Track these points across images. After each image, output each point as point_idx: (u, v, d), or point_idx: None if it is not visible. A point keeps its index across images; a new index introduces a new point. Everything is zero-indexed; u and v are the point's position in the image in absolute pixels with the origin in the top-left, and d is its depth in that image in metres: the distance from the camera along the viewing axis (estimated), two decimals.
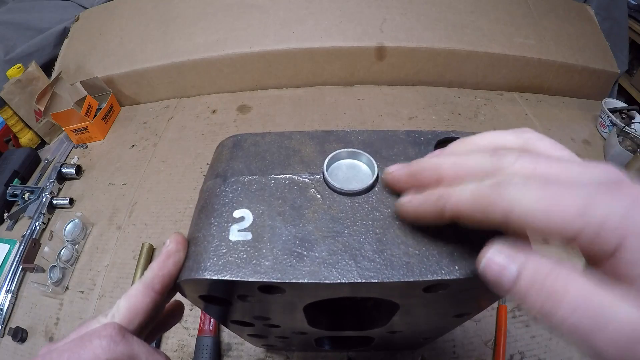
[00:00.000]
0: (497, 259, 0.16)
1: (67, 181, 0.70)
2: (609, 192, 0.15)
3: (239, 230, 0.21)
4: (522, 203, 0.15)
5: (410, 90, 0.82)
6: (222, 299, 0.23)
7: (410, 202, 0.20)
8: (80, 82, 0.75)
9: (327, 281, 0.19)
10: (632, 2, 1.26)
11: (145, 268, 0.55)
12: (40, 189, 0.66)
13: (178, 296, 0.23)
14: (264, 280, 0.19)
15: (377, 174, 0.23)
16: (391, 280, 0.19)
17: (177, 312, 0.27)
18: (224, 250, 0.20)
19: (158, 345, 0.48)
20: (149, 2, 0.88)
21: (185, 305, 0.28)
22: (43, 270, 0.56)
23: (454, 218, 0.18)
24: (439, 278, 0.19)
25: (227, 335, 0.49)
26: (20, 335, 0.51)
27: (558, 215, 0.15)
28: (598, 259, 0.15)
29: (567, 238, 0.15)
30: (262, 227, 0.21)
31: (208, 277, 0.19)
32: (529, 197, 0.15)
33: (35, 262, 0.56)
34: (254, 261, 0.20)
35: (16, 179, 0.69)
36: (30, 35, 0.88)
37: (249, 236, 0.21)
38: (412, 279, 0.19)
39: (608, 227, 0.14)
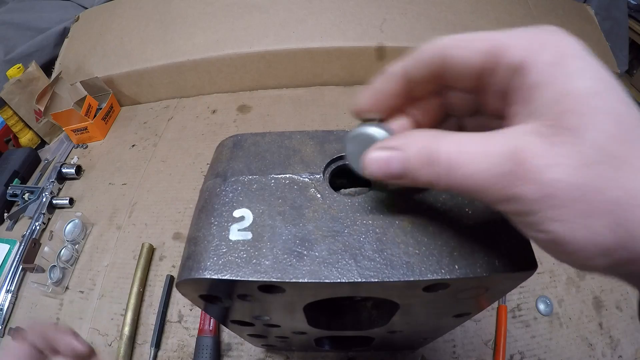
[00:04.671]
0: (376, 154, 0.17)
1: (67, 181, 0.70)
2: (527, 30, 0.15)
3: (239, 230, 0.21)
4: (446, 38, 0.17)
5: None
6: (222, 299, 0.23)
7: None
8: (80, 82, 0.75)
9: (327, 280, 0.19)
10: (632, 2, 1.26)
11: (145, 268, 0.55)
12: (40, 189, 0.66)
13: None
14: (264, 279, 0.19)
15: None
16: (391, 280, 0.19)
17: None
18: (224, 250, 0.20)
19: (158, 346, 0.48)
20: (149, 2, 0.88)
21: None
22: (43, 270, 0.56)
23: (407, 76, 0.19)
24: (439, 277, 0.19)
25: (227, 335, 0.49)
26: None
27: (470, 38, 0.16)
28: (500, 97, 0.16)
29: (482, 60, 0.16)
30: (262, 226, 0.21)
31: (208, 276, 0.19)
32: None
33: (35, 262, 0.56)
34: (254, 260, 0.20)
35: (16, 179, 0.69)
36: (30, 35, 0.88)
37: (249, 236, 0.21)
38: (412, 279, 0.19)
39: (514, 48, 0.15)
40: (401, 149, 0.17)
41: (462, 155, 0.15)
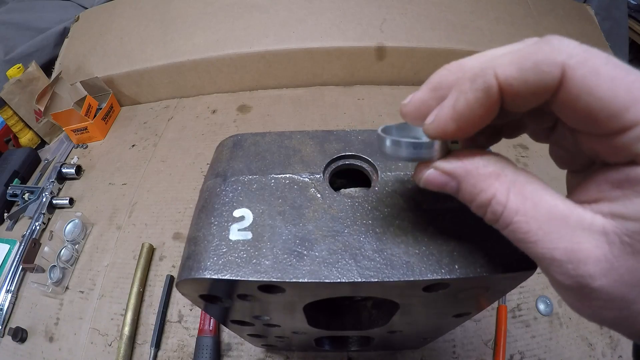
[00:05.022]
0: (433, 176, 0.17)
1: (67, 181, 0.70)
2: None
3: (239, 230, 0.21)
4: (580, 53, 0.12)
5: (410, 90, 0.81)
6: (222, 299, 0.23)
7: (445, 105, 0.15)
8: (80, 82, 0.75)
9: (327, 280, 0.19)
10: (632, 2, 1.26)
11: (145, 268, 0.55)
12: (40, 189, 0.66)
13: None
14: (264, 279, 0.19)
15: (377, 174, 0.23)
16: (391, 280, 0.19)
17: None
18: (224, 250, 0.20)
19: (158, 346, 0.48)
20: (149, 2, 0.88)
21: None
22: (43, 270, 0.56)
23: (503, 95, 0.14)
24: (439, 277, 0.19)
25: (227, 335, 0.49)
26: (20, 335, 0.51)
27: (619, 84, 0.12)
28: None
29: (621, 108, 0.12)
30: (262, 226, 0.21)
31: (208, 276, 0.19)
32: (587, 50, 0.13)
33: (35, 262, 0.56)
34: (254, 260, 0.20)
35: (16, 179, 0.69)
36: (30, 35, 0.88)
37: (249, 235, 0.21)
38: (412, 279, 0.19)
39: None
40: (457, 178, 0.16)
41: (519, 213, 0.14)
